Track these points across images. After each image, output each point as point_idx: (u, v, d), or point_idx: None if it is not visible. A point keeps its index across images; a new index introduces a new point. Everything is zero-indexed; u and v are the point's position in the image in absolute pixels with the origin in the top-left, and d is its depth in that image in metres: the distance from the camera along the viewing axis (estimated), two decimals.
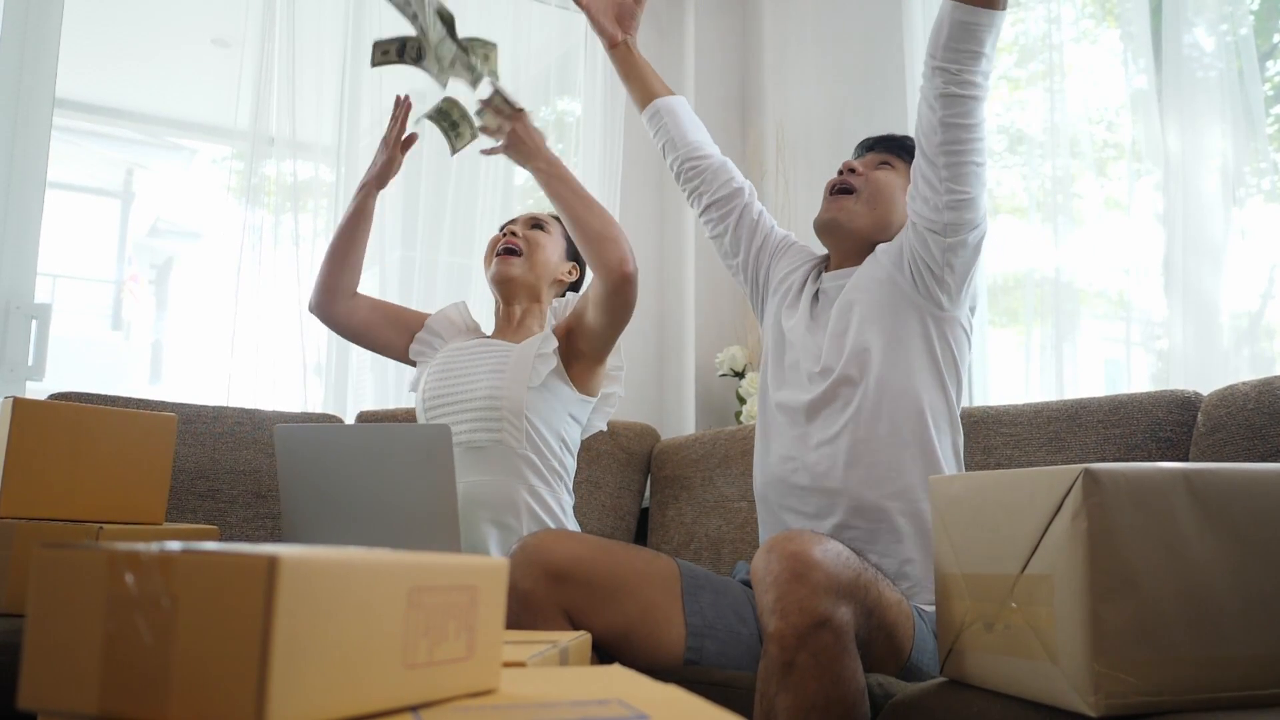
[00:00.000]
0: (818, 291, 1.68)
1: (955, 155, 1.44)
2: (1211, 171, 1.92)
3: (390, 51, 1.67)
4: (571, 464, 1.83)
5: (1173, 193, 1.96)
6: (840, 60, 2.81)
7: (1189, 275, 1.92)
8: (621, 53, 1.86)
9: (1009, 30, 2.64)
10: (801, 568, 1.18)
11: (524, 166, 1.76)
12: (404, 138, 1.91)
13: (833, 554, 1.21)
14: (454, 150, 1.77)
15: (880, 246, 1.60)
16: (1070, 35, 2.27)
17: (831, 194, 1.66)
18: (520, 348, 1.79)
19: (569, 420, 1.81)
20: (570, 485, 1.83)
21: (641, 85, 1.88)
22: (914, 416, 1.50)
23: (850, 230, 1.63)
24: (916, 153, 1.49)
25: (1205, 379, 1.83)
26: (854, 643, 1.20)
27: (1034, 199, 2.25)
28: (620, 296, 1.71)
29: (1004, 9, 1.40)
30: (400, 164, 1.92)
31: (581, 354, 1.79)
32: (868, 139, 1.74)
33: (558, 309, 1.91)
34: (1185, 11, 1.97)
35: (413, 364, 1.93)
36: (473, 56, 1.64)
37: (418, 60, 1.66)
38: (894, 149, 1.69)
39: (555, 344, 1.77)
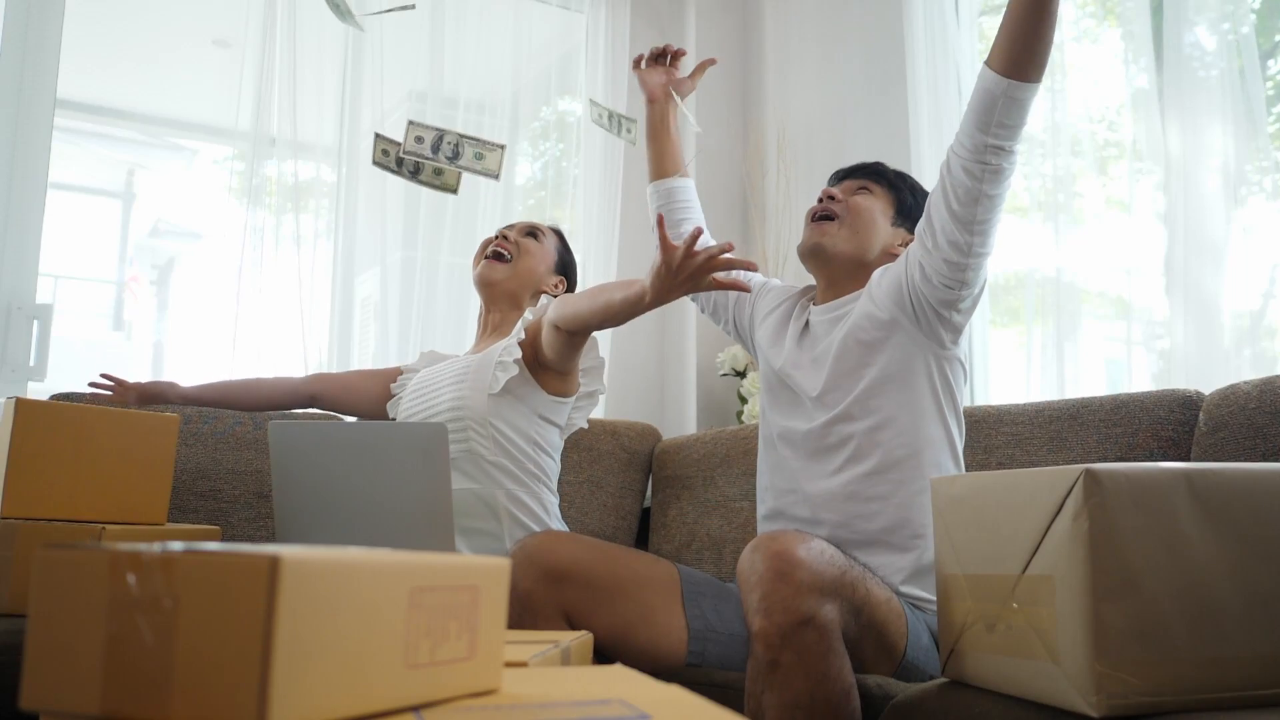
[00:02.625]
0: (807, 323, 1.68)
1: (988, 222, 1.44)
2: (1213, 171, 1.92)
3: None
4: (551, 464, 1.81)
5: (1174, 192, 1.96)
6: (841, 60, 2.81)
7: (1190, 274, 1.92)
8: (658, 110, 1.86)
9: None
10: (785, 566, 1.19)
11: (650, 278, 1.45)
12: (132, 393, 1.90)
13: (816, 552, 1.22)
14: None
15: (873, 282, 1.58)
16: (1071, 35, 2.27)
17: (813, 220, 1.67)
18: (481, 357, 1.79)
19: (541, 423, 1.79)
20: (553, 486, 1.82)
21: (660, 152, 1.89)
22: (917, 454, 1.51)
23: (833, 254, 1.63)
24: (942, 215, 1.45)
25: (1207, 378, 1.83)
26: (840, 640, 1.20)
27: (1035, 198, 2.25)
28: (573, 351, 1.72)
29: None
30: (133, 393, 1.89)
31: (547, 363, 1.78)
32: (841, 169, 1.76)
33: (535, 310, 1.88)
34: (1186, 10, 1.97)
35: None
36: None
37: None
38: (870, 175, 1.71)
39: (518, 353, 1.75)
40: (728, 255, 1.36)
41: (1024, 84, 1.35)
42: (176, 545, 0.55)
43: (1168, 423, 1.65)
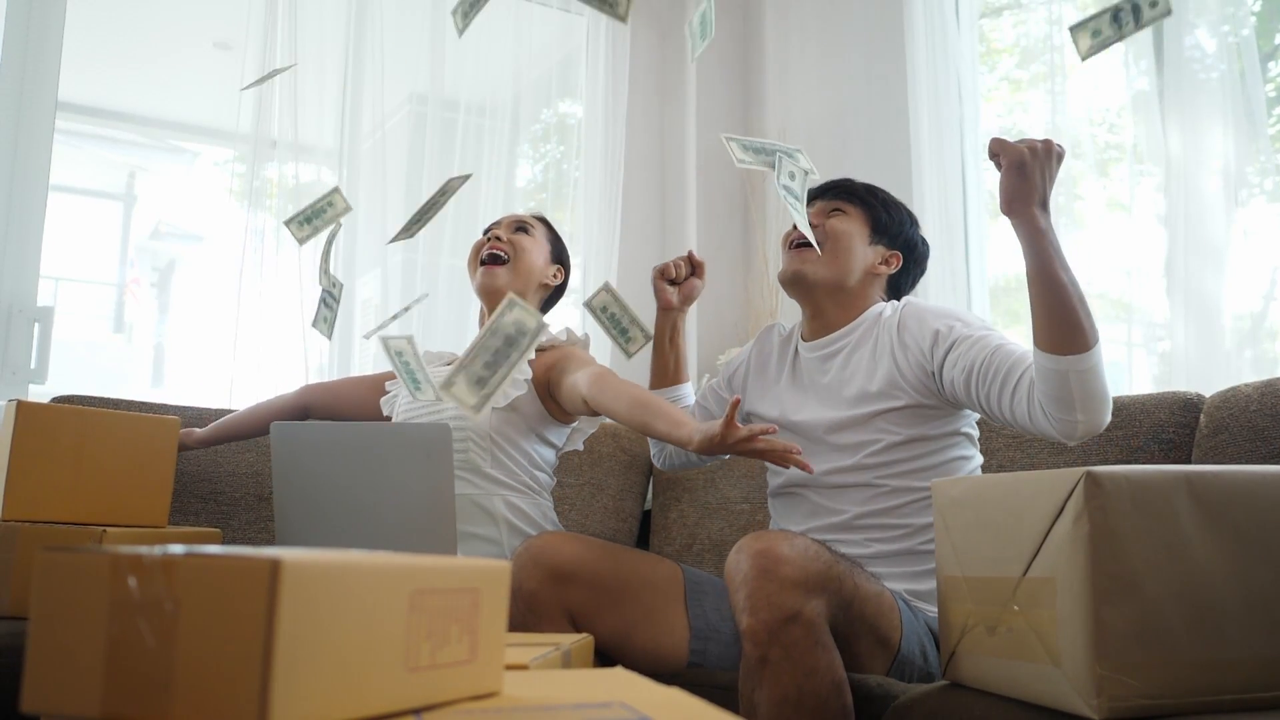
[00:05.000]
0: (796, 360, 1.68)
1: None
2: (1213, 173, 1.92)
3: None
4: (546, 479, 1.80)
5: (1174, 194, 1.96)
6: (842, 63, 2.81)
7: (1191, 277, 1.92)
8: (671, 318, 1.80)
9: (1010, 32, 2.64)
10: (769, 564, 1.19)
11: (700, 436, 1.40)
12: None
13: (800, 548, 1.22)
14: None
15: (894, 341, 1.54)
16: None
17: (792, 248, 1.65)
18: None
19: (539, 442, 1.78)
20: (548, 496, 1.81)
21: (665, 362, 1.83)
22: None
23: (815, 281, 1.62)
24: (1004, 415, 1.39)
25: (1207, 380, 1.83)
26: (828, 635, 1.21)
27: None
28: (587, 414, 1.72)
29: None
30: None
31: (557, 397, 1.76)
32: (811, 189, 1.72)
33: (551, 335, 1.85)
34: (1187, 13, 1.97)
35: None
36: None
37: None
38: (842, 194, 1.68)
39: (529, 372, 1.74)
40: (792, 456, 1.33)
41: (1084, 355, 1.26)
42: (177, 548, 0.55)
43: (1168, 425, 1.65)
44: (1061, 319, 1.26)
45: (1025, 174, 1.27)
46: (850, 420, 1.54)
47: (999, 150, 1.28)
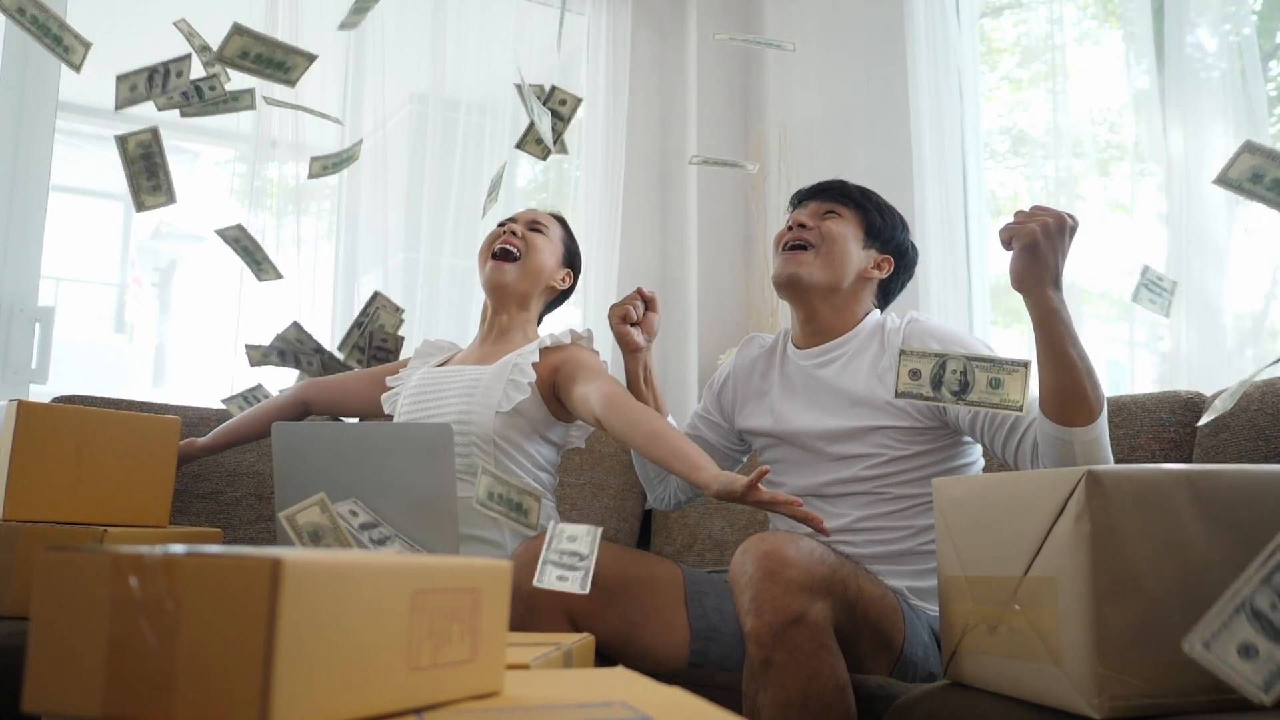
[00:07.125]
0: (787, 370, 1.67)
1: None
2: (1214, 172, 1.92)
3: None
4: (548, 479, 1.79)
5: (1175, 193, 1.96)
6: (842, 62, 2.81)
7: (1192, 276, 1.92)
8: (640, 359, 1.75)
9: (1011, 31, 2.64)
10: (775, 566, 1.19)
11: (719, 485, 1.38)
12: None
13: (806, 551, 1.22)
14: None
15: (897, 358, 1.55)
16: (1073, 36, 2.27)
17: (785, 249, 1.63)
18: (492, 371, 1.75)
19: (542, 442, 1.77)
20: (550, 494, 1.81)
21: (647, 398, 1.76)
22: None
23: (810, 285, 1.60)
24: (1009, 458, 1.41)
25: (1208, 380, 1.83)
26: (832, 638, 1.21)
27: (1036, 200, 2.24)
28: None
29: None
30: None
31: (562, 398, 1.75)
32: (803, 190, 1.72)
33: (555, 336, 1.82)
34: (1188, 12, 1.97)
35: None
36: None
37: None
38: (836, 197, 1.66)
39: (533, 375, 1.72)
40: (814, 521, 1.32)
41: (1089, 427, 1.27)
42: (178, 548, 0.55)
43: (1169, 424, 1.65)
44: (1070, 394, 1.26)
45: (1038, 254, 1.26)
46: (849, 431, 1.53)
47: (1010, 235, 1.28)
